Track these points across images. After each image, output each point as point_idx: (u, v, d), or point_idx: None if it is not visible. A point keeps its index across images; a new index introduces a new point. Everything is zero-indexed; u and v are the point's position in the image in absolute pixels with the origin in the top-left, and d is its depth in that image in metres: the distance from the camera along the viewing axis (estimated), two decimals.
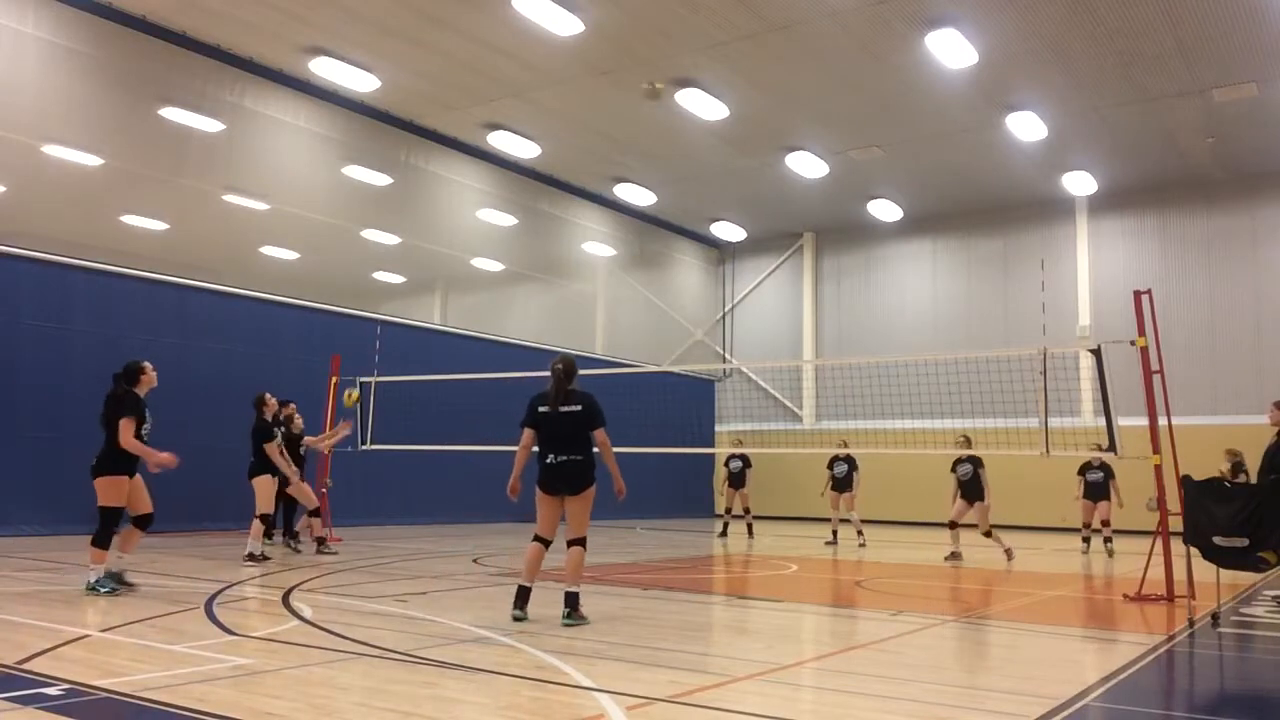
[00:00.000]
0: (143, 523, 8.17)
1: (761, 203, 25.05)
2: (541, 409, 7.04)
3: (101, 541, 7.79)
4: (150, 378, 8.23)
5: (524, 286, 24.82)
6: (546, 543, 7.02)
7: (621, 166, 22.60)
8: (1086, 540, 15.30)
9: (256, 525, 10.76)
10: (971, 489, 13.52)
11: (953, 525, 13.59)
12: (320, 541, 12.16)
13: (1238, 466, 12.48)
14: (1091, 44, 15.93)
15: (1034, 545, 16.57)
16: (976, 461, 13.45)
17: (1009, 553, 13.20)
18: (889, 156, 21.28)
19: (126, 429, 7.81)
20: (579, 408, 6.97)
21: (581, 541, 6.99)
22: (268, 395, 11.36)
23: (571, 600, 6.77)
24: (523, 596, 6.84)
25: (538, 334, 22.24)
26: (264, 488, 11.04)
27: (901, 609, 8.21)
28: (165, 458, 7.88)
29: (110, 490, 7.84)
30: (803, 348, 27.09)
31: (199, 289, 15.90)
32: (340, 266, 22.36)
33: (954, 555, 13.29)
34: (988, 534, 13.45)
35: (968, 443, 13.59)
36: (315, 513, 12.28)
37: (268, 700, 4.35)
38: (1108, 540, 15.00)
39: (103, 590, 7.63)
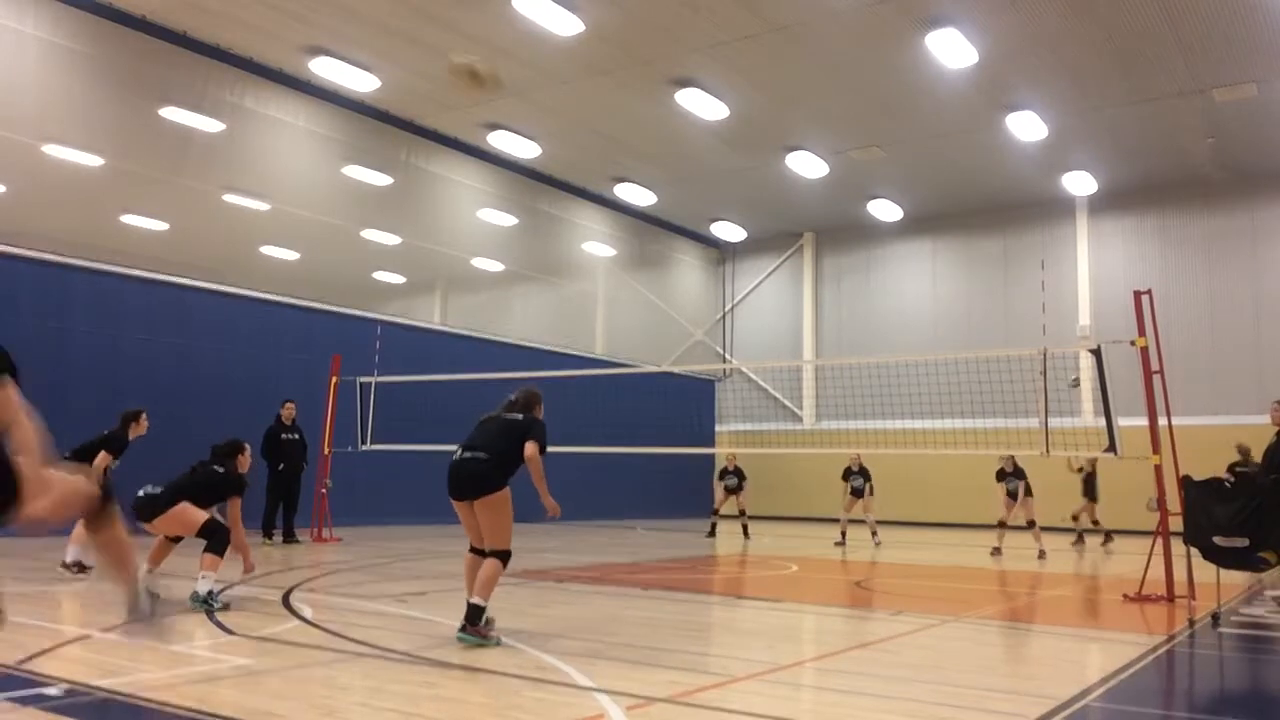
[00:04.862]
0: (177, 539, 7.57)
1: (761, 203, 25.04)
2: (482, 416, 6.53)
3: (219, 549, 7.23)
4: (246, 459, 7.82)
5: (524, 286, 24.81)
6: (478, 552, 6.21)
7: (621, 166, 22.60)
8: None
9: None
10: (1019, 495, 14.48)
11: (1001, 524, 14.41)
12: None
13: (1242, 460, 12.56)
14: (1091, 44, 15.92)
15: (1033, 545, 16.52)
16: (1022, 474, 14.33)
17: (1041, 553, 13.84)
18: (889, 156, 21.28)
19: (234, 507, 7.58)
20: (520, 417, 6.41)
21: (500, 554, 6.08)
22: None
23: (472, 613, 5.88)
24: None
25: (538, 334, 22.24)
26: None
27: (901, 609, 8.21)
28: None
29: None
30: (803, 348, 27.08)
31: (199, 289, 15.88)
32: (340, 266, 22.37)
33: (997, 550, 14.10)
34: (1030, 524, 14.20)
35: (1012, 462, 14.40)
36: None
37: (268, 700, 4.35)
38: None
39: (216, 606, 6.95)
